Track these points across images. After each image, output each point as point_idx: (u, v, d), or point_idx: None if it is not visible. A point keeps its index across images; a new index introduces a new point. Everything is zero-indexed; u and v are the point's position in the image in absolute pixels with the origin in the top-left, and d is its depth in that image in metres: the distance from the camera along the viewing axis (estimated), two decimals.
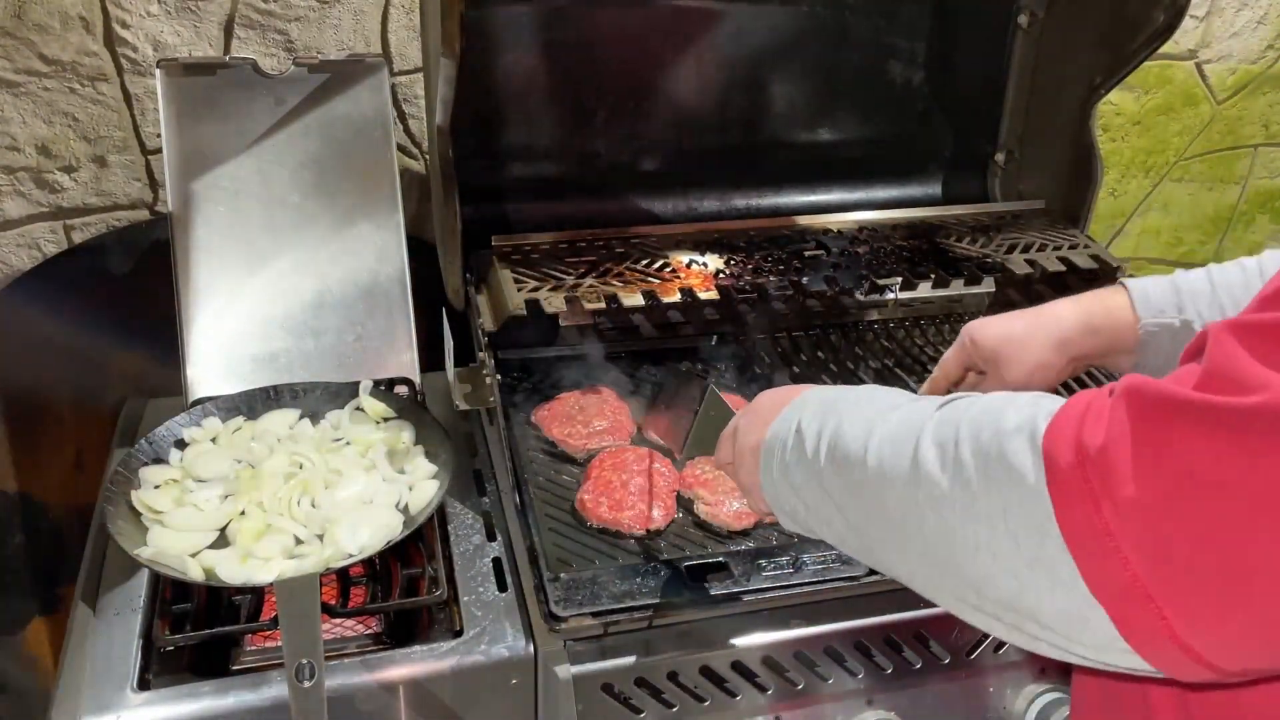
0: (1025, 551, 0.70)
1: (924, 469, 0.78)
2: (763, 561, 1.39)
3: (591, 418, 1.64)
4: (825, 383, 1.78)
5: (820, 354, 1.93)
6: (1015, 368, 1.33)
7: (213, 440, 1.57)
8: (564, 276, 1.68)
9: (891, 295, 1.90)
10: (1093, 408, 0.69)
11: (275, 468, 1.49)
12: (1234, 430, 0.61)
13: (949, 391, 1.44)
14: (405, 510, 1.46)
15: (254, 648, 1.33)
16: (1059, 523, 0.67)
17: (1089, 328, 1.30)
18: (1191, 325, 1.23)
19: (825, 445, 0.92)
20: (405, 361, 1.74)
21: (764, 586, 1.35)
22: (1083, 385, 1.70)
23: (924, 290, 1.87)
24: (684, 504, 1.52)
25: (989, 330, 1.35)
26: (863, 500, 0.86)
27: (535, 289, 1.64)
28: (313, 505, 1.44)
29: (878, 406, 0.90)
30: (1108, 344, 1.30)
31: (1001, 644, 1.43)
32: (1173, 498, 0.63)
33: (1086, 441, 0.67)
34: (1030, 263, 1.81)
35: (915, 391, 1.47)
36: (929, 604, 1.34)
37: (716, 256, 1.81)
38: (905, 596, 1.38)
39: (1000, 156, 2.14)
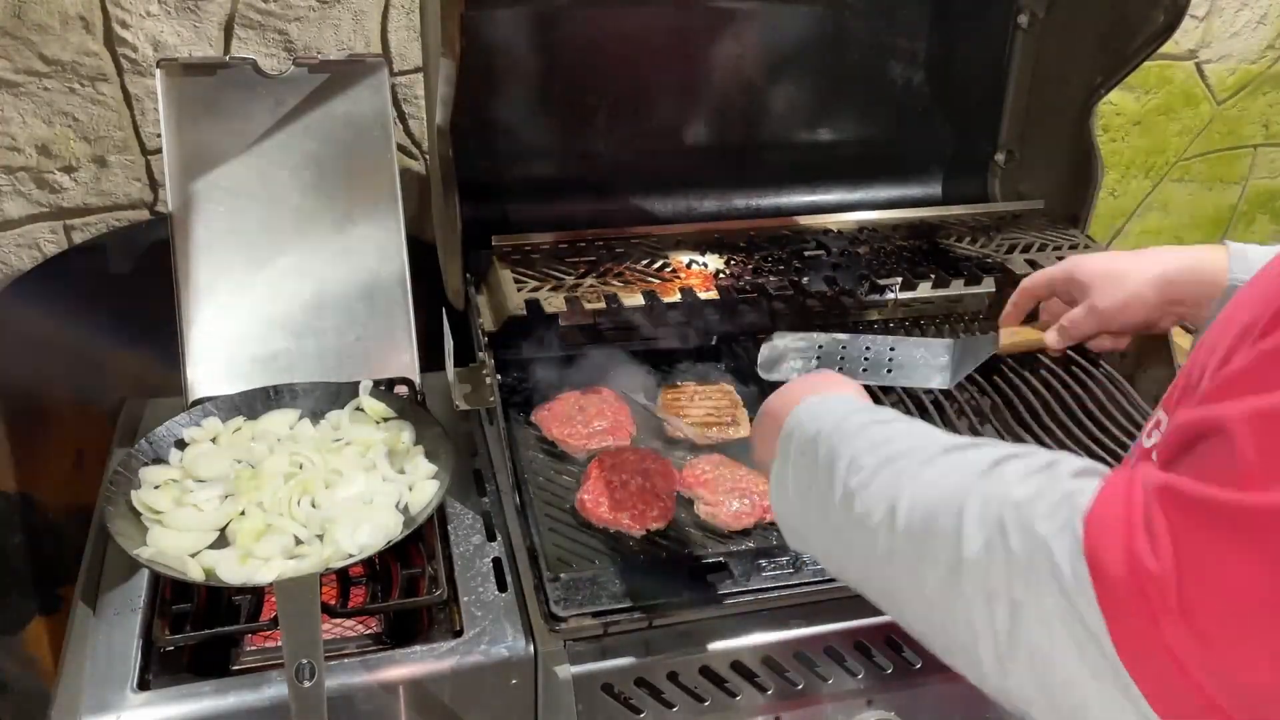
0: (1085, 661, 0.66)
1: (969, 557, 0.73)
2: (763, 561, 1.39)
3: (591, 418, 1.64)
4: None
5: None
6: (1109, 294, 1.33)
7: (213, 440, 1.57)
8: (564, 276, 1.68)
9: (891, 295, 1.90)
10: (1132, 506, 0.65)
11: (275, 468, 1.49)
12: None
13: (1028, 314, 1.48)
14: (405, 510, 1.46)
15: (254, 648, 1.33)
16: (1114, 639, 0.64)
17: (1194, 271, 1.27)
18: None
19: (841, 492, 0.87)
20: (405, 361, 1.73)
21: (764, 586, 1.35)
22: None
23: (924, 290, 1.87)
24: (684, 504, 1.52)
25: (1092, 263, 1.38)
26: (895, 570, 0.81)
27: (535, 289, 1.64)
28: (313, 505, 1.44)
29: (905, 448, 0.85)
30: (1207, 292, 1.26)
31: None
32: (1237, 617, 0.60)
33: (1139, 553, 0.63)
34: (1030, 263, 1.81)
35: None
36: None
37: (716, 256, 1.81)
38: None
39: (1000, 156, 2.14)
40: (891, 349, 1.62)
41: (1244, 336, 0.68)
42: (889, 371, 1.58)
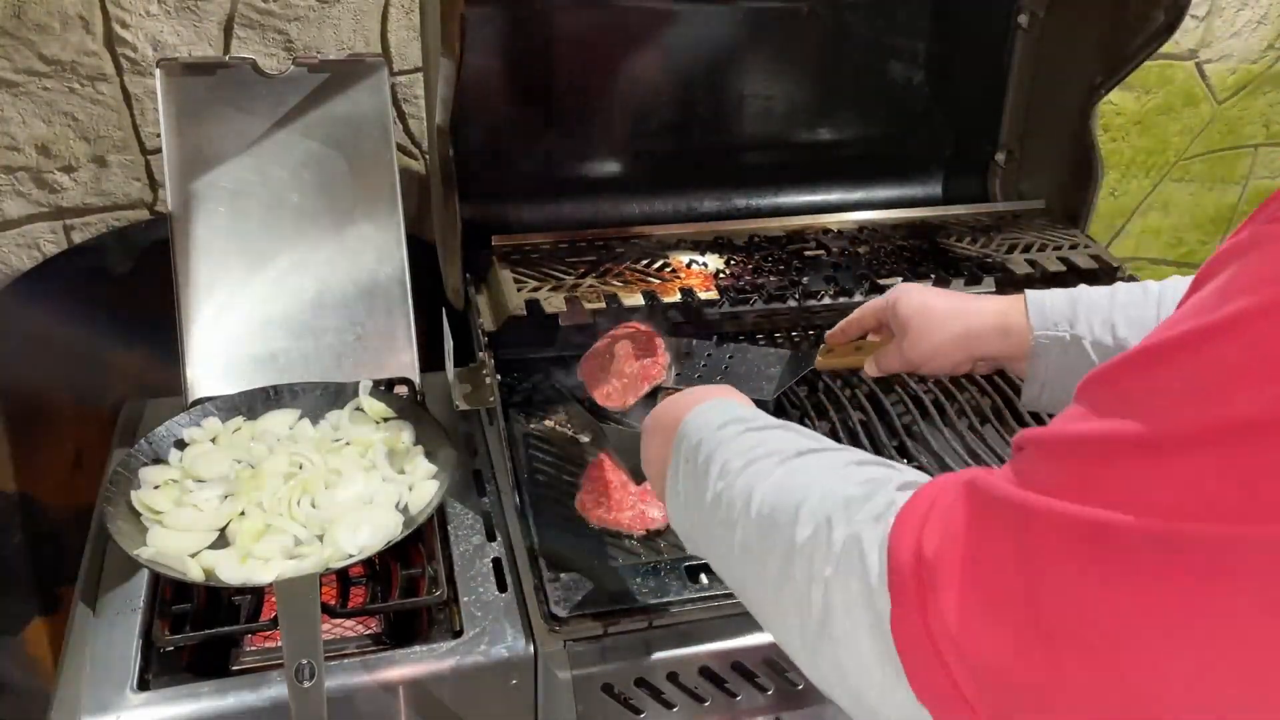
0: (875, 646, 0.69)
1: (798, 544, 0.77)
2: None
3: (623, 364, 1.63)
4: (826, 384, 1.79)
5: None
6: (919, 343, 1.32)
7: (212, 440, 1.57)
8: (564, 276, 1.68)
9: None
10: (938, 504, 0.68)
11: (275, 468, 1.48)
12: (1044, 545, 0.59)
13: (854, 342, 1.46)
14: (405, 510, 1.45)
15: (254, 648, 1.33)
16: (891, 623, 0.67)
17: (1001, 329, 1.29)
18: (1081, 341, 1.22)
19: (710, 496, 0.91)
20: (405, 361, 1.73)
21: None
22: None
23: None
24: None
25: (913, 297, 1.35)
26: (747, 561, 0.85)
27: (535, 289, 1.64)
28: (312, 505, 1.44)
29: (767, 451, 0.89)
30: (1014, 349, 1.29)
31: None
32: (988, 611, 0.62)
33: (924, 542, 0.66)
34: (1031, 263, 1.81)
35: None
36: None
37: (716, 257, 1.81)
38: None
39: (1000, 156, 2.14)
40: (730, 356, 1.62)
41: None
42: (719, 378, 1.57)
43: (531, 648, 1.33)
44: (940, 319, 1.32)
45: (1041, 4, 1.97)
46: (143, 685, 1.25)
